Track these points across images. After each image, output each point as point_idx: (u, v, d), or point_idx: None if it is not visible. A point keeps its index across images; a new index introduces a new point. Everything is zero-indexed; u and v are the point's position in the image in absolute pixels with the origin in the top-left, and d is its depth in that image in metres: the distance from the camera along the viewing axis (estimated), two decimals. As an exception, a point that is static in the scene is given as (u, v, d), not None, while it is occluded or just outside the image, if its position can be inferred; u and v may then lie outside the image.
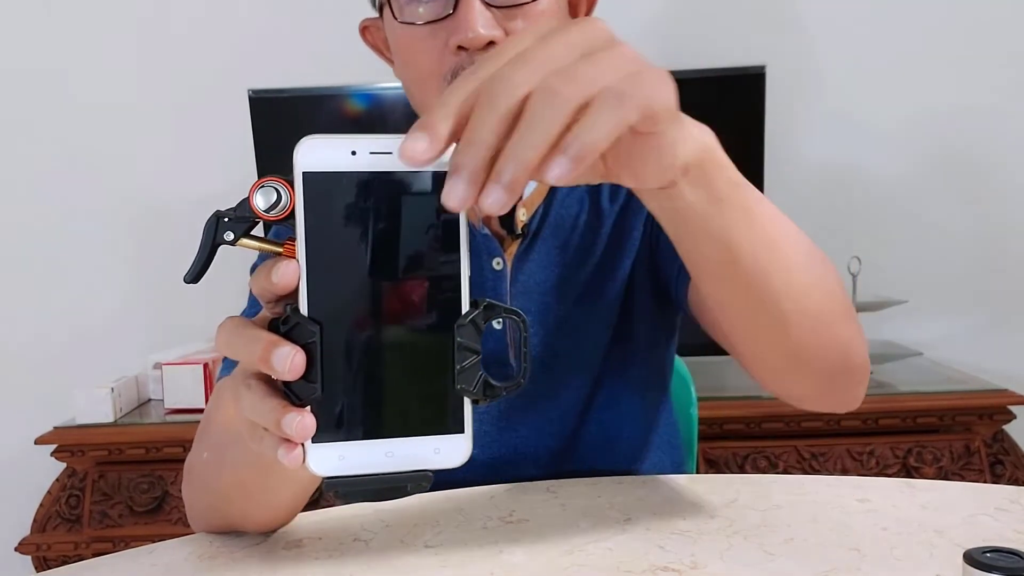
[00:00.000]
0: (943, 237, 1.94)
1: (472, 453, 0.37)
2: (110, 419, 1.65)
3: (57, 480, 1.70)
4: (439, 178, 0.35)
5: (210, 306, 1.94)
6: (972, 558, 0.42)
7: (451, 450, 0.37)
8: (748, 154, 1.77)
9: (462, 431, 0.37)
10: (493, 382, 0.38)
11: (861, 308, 1.76)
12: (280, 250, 0.38)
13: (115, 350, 1.92)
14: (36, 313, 1.96)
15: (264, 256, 0.87)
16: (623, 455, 0.83)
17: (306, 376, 0.35)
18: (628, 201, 0.82)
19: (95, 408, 1.65)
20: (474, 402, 0.37)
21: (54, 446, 1.65)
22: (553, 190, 0.82)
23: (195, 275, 0.40)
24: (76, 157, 1.93)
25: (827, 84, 1.92)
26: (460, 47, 0.69)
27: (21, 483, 1.85)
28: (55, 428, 1.66)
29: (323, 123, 1.80)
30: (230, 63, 1.89)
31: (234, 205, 0.38)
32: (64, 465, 1.69)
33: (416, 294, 0.36)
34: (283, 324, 0.36)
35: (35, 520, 1.69)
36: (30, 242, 1.95)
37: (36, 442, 1.63)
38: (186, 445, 0.68)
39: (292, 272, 0.36)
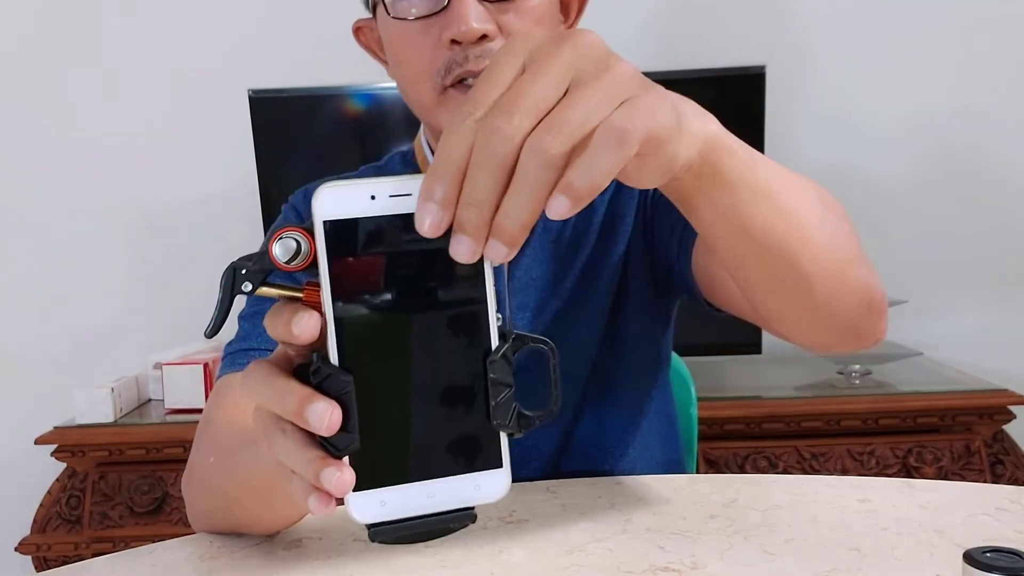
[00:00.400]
0: (943, 237, 1.94)
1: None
2: (110, 419, 1.65)
3: (57, 480, 1.70)
4: None
5: (210, 306, 1.93)
6: (972, 558, 0.42)
7: (491, 485, 0.37)
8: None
9: (500, 465, 0.37)
10: (526, 412, 0.38)
11: (861, 308, 1.76)
12: (300, 295, 0.37)
13: (115, 350, 1.92)
14: (36, 313, 1.96)
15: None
16: (613, 439, 0.82)
17: (342, 427, 0.35)
18: (619, 189, 0.83)
19: (95, 408, 1.65)
20: (510, 435, 0.37)
21: (54, 446, 1.65)
22: None
23: (215, 328, 0.40)
24: (76, 157, 1.93)
25: (827, 84, 1.91)
26: (453, 41, 0.69)
27: (21, 483, 1.85)
28: (55, 428, 1.66)
29: (323, 123, 1.80)
30: (230, 63, 1.89)
31: (250, 254, 0.38)
32: (64, 465, 1.69)
33: (446, 334, 0.36)
34: (313, 376, 0.36)
35: (35, 520, 1.69)
36: (30, 242, 1.95)
37: (36, 442, 1.63)
38: (186, 445, 0.68)
39: (314, 324, 0.35)
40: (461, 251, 0.34)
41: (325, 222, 0.35)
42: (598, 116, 0.35)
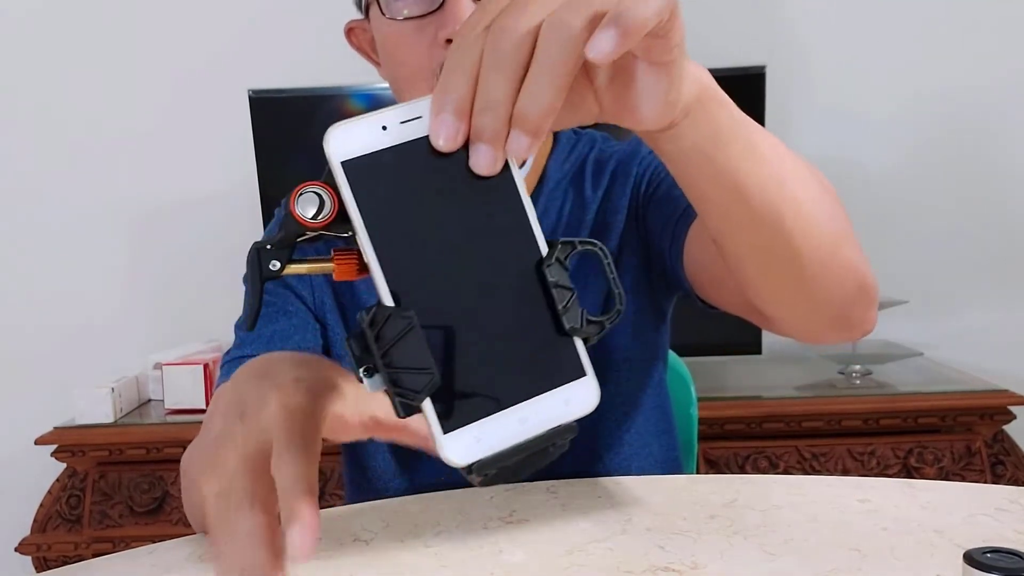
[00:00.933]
0: (944, 237, 1.94)
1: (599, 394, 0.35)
2: (110, 419, 1.65)
3: (57, 480, 1.70)
4: None
5: (210, 306, 1.94)
6: (972, 558, 0.42)
7: (581, 396, 0.35)
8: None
9: (584, 374, 0.35)
10: (592, 317, 0.35)
11: (861, 308, 1.76)
12: (331, 265, 0.35)
13: (115, 350, 1.92)
14: (36, 313, 1.96)
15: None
16: (607, 434, 0.82)
17: (416, 366, 0.32)
18: (611, 185, 0.83)
19: (95, 408, 1.65)
20: (584, 340, 0.35)
21: (54, 446, 1.65)
22: (541, 184, 0.83)
23: (252, 319, 0.38)
24: (76, 157, 1.93)
25: (826, 84, 1.91)
26: (449, 40, 0.69)
27: (21, 483, 1.85)
28: (55, 428, 1.66)
29: (323, 123, 1.79)
30: (230, 63, 1.89)
31: (267, 233, 0.37)
32: (64, 465, 1.69)
33: (494, 250, 0.34)
34: (371, 326, 0.32)
35: (35, 520, 1.69)
36: (30, 242, 1.95)
37: (36, 442, 1.63)
38: (186, 445, 0.68)
39: (310, 540, 0.35)
40: (482, 161, 0.33)
41: (343, 163, 0.33)
42: (606, 3, 0.33)
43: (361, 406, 0.44)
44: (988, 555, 0.42)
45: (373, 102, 1.78)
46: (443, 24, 0.69)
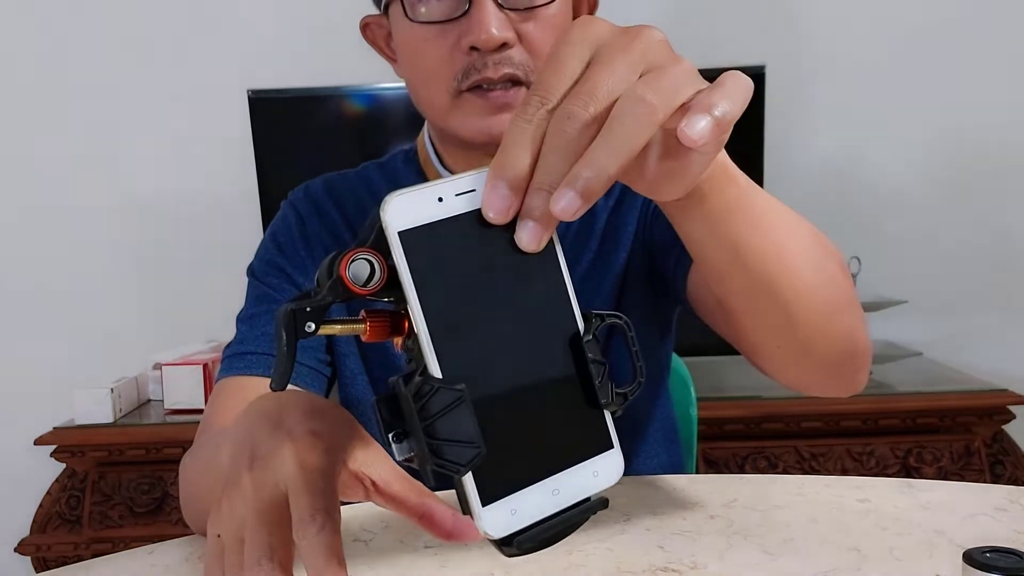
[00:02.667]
0: (943, 237, 1.94)
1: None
2: (110, 420, 1.65)
3: (57, 481, 1.70)
4: None
5: (209, 307, 1.94)
6: (972, 558, 0.42)
7: (608, 468, 0.36)
8: (748, 153, 1.77)
9: (612, 446, 0.36)
10: (619, 389, 0.36)
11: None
12: (363, 326, 0.36)
13: (115, 350, 1.92)
14: (36, 313, 1.96)
15: (263, 258, 0.85)
16: (644, 458, 0.83)
17: (461, 439, 0.32)
18: (621, 197, 0.83)
19: (95, 409, 1.65)
20: (613, 413, 0.36)
21: (54, 447, 1.65)
22: None
23: (283, 381, 0.37)
24: (76, 157, 1.93)
25: (826, 84, 1.92)
26: (472, 47, 0.69)
27: (21, 484, 1.85)
28: (55, 429, 1.66)
29: (322, 123, 1.80)
30: (229, 63, 1.89)
31: (300, 294, 0.36)
32: (64, 466, 1.69)
33: (538, 324, 0.35)
34: (417, 398, 0.32)
35: (35, 521, 1.68)
36: (30, 243, 1.95)
37: (36, 443, 1.63)
38: (186, 446, 0.68)
39: None
40: (528, 237, 0.33)
41: (400, 233, 0.33)
42: (686, 93, 0.35)
43: (364, 467, 0.44)
44: (987, 554, 0.42)
45: (372, 102, 1.78)
46: (467, 31, 0.69)
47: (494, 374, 0.34)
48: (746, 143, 1.76)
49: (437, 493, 0.43)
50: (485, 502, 0.33)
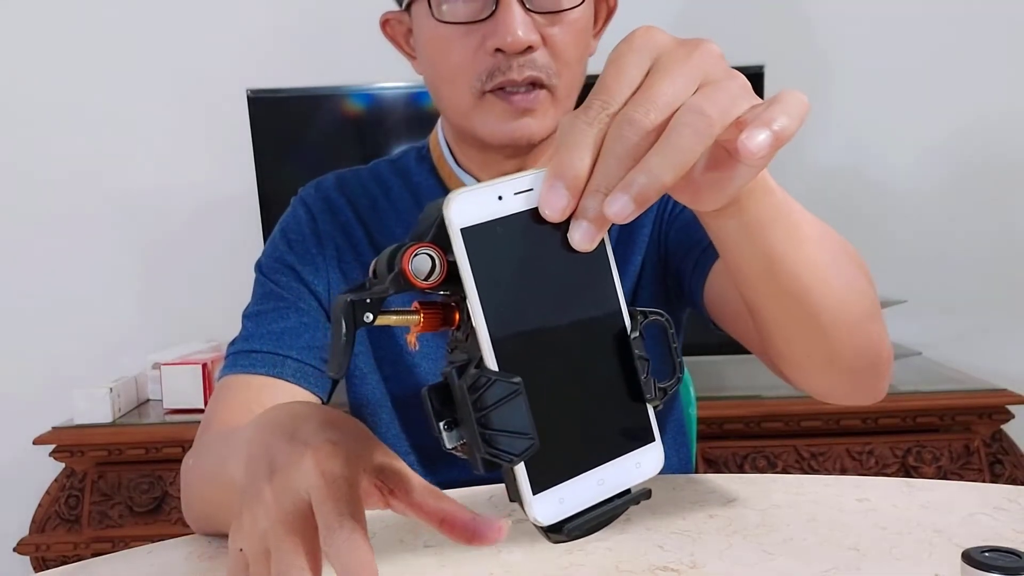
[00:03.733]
0: (943, 236, 1.94)
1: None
2: (109, 419, 1.65)
3: (56, 480, 1.70)
4: None
5: (209, 306, 1.94)
6: (971, 557, 0.42)
7: (649, 461, 0.37)
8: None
9: (654, 439, 0.38)
10: (660, 384, 0.38)
11: (860, 308, 1.76)
12: (416, 317, 0.37)
13: (114, 350, 1.92)
14: (35, 313, 1.96)
15: (272, 255, 0.84)
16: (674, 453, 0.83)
17: (515, 430, 0.34)
18: None
19: (94, 408, 1.65)
20: (655, 408, 0.38)
21: (53, 446, 1.65)
22: None
23: (341, 370, 0.38)
24: (75, 157, 1.93)
25: (826, 84, 1.92)
26: (497, 49, 0.69)
27: (20, 483, 1.84)
28: (54, 428, 1.66)
29: (322, 123, 1.80)
30: (229, 63, 1.89)
31: (355, 284, 0.37)
32: (63, 465, 1.69)
33: (589, 320, 0.36)
34: (472, 390, 0.34)
35: (34, 520, 1.68)
36: (30, 243, 1.95)
37: (35, 442, 1.63)
38: (185, 445, 0.68)
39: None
40: (581, 237, 0.34)
41: (463, 230, 0.34)
42: (742, 107, 0.36)
43: (382, 475, 0.44)
44: (986, 554, 0.42)
45: (372, 102, 1.78)
46: (492, 32, 0.69)
47: (546, 368, 0.35)
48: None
49: (463, 489, 0.43)
50: (536, 491, 0.34)
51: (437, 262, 0.35)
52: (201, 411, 1.66)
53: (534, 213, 0.35)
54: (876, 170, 1.92)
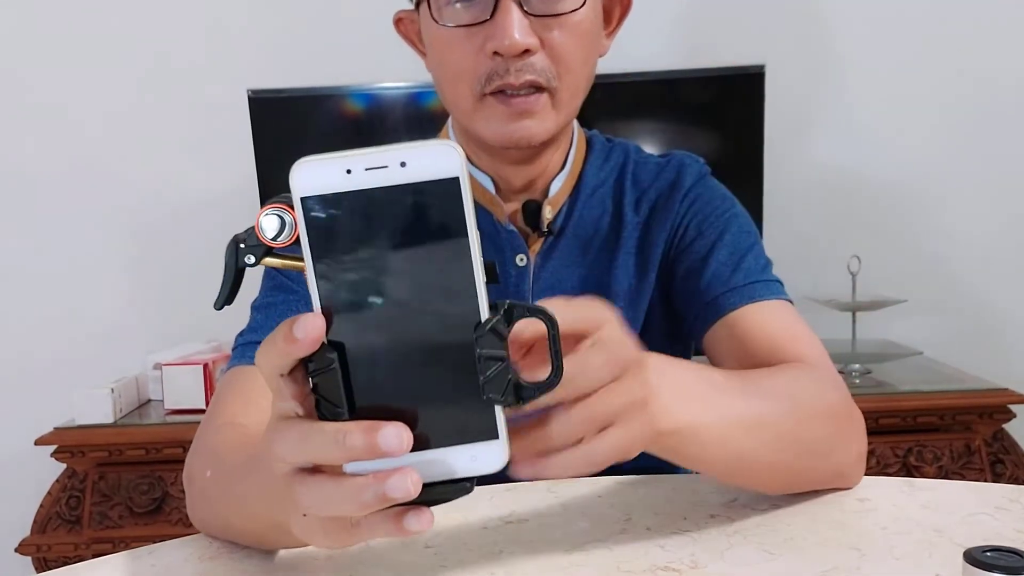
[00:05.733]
0: (943, 235, 1.94)
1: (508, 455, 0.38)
2: (110, 420, 1.65)
3: (57, 481, 1.70)
4: (440, 187, 0.35)
5: (209, 307, 1.93)
6: (972, 557, 0.42)
7: (487, 456, 0.37)
8: (747, 153, 1.77)
9: (496, 437, 0.37)
10: (524, 383, 0.37)
11: (861, 308, 1.76)
12: (302, 265, 0.37)
13: (115, 351, 1.92)
14: (36, 313, 1.96)
15: (273, 276, 0.85)
16: (643, 458, 0.83)
17: (331, 400, 0.36)
18: (651, 215, 0.83)
19: (95, 409, 1.65)
20: (506, 406, 0.37)
21: (54, 447, 1.65)
22: (577, 189, 0.83)
23: (224, 300, 0.41)
24: (76, 158, 1.93)
25: (826, 83, 1.92)
26: (496, 52, 0.70)
27: (21, 484, 1.85)
28: (55, 429, 1.66)
29: (323, 123, 1.80)
30: (229, 63, 1.89)
31: (251, 226, 0.38)
32: (64, 466, 1.69)
33: (431, 308, 0.36)
34: (311, 373, 0.36)
35: (35, 521, 1.68)
36: (30, 243, 1.95)
37: (36, 443, 1.63)
38: (186, 446, 0.68)
39: (318, 324, 0.35)
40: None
41: (302, 199, 0.34)
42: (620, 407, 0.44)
43: None
44: (988, 554, 0.42)
45: (372, 102, 1.78)
46: (491, 35, 0.69)
47: (380, 347, 0.36)
48: (746, 142, 1.76)
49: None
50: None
51: (287, 224, 0.36)
52: (202, 411, 1.66)
53: (388, 191, 0.34)
54: (876, 170, 1.92)
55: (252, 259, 0.39)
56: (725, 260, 0.78)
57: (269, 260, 0.38)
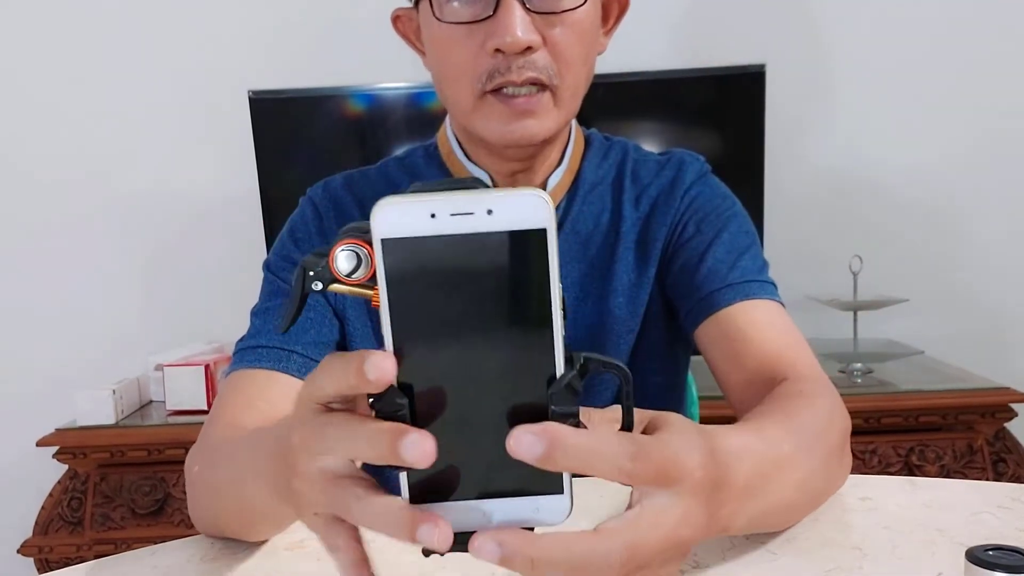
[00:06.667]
0: (944, 234, 1.94)
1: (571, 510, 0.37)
2: (112, 421, 1.65)
3: (59, 482, 1.70)
4: (526, 237, 0.34)
5: (211, 307, 1.94)
6: (975, 556, 0.42)
7: (550, 509, 0.36)
8: (748, 152, 1.77)
9: (561, 491, 0.36)
10: None
11: (862, 307, 1.76)
12: (371, 293, 0.36)
13: (116, 352, 1.92)
14: (37, 315, 1.96)
15: (280, 253, 0.85)
16: None
17: None
18: (652, 211, 0.83)
19: (96, 410, 1.65)
20: None
21: (56, 448, 1.65)
22: (575, 185, 0.83)
23: (288, 325, 0.40)
24: (77, 159, 1.93)
25: (827, 83, 1.91)
26: (497, 50, 0.69)
27: (23, 485, 1.85)
28: (57, 430, 1.66)
29: (323, 124, 1.80)
30: (230, 64, 1.89)
31: (321, 250, 0.37)
32: (66, 467, 1.69)
33: (508, 359, 0.35)
34: (374, 397, 0.35)
35: (37, 523, 1.69)
36: (31, 244, 1.95)
37: (38, 444, 1.63)
38: (187, 447, 0.68)
39: (390, 367, 0.33)
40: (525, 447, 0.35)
41: (383, 240, 0.33)
42: None
43: None
44: (990, 553, 0.42)
45: (372, 103, 1.78)
46: (492, 33, 0.69)
47: (451, 394, 0.35)
48: (746, 141, 1.76)
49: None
50: (414, 501, 0.36)
51: (363, 261, 0.36)
52: (204, 412, 1.66)
53: (471, 238, 0.33)
54: (877, 169, 1.92)
55: (319, 285, 0.38)
56: (722, 257, 0.78)
57: (336, 287, 0.38)
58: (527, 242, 0.33)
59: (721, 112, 1.79)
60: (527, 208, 0.33)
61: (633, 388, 0.38)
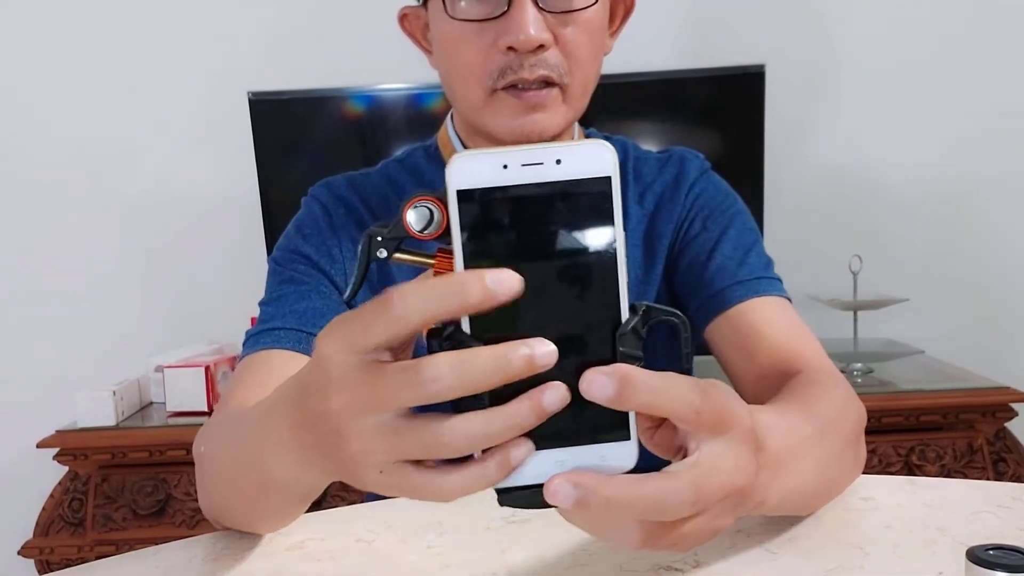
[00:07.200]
0: (945, 234, 1.94)
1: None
2: (112, 422, 1.65)
3: (60, 484, 1.70)
4: (593, 185, 0.35)
5: (211, 308, 1.94)
6: (975, 555, 0.42)
7: (618, 456, 0.37)
8: (748, 152, 1.77)
9: (628, 438, 0.37)
10: None
11: (862, 307, 1.76)
12: (432, 262, 0.37)
13: (116, 353, 1.92)
14: (38, 316, 1.96)
15: (287, 247, 0.84)
16: (643, 453, 0.83)
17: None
18: (657, 209, 0.84)
19: (97, 411, 1.65)
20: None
21: (56, 450, 1.65)
22: None
23: (354, 292, 0.40)
24: (77, 160, 1.93)
25: (827, 83, 1.92)
26: (509, 47, 0.70)
27: (24, 487, 1.85)
28: (57, 432, 1.66)
29: (323, 125, 1.80)
30: (230, 65, 1.89)
31: (384, 222, 0.38)
32: (67, 469, 1.69)
33: (577, 306, 0.36)
34: (445, 342, 0.35)
35: (38, 524, 1.69)
36: (31, 245, 1.95)
37: (38, 446, 1.63)
38: (188, 447, 0.68)
39: (517, 280, 0.33)
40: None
41: (458, 191, 0.35)
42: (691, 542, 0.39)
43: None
44: (991, 552, 0.42)
45: (373, 104, 1.78)
46: (505, 31, 0.70)
47: (518, 339, 0.35)
48: (746, 143, 1.76)
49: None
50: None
51: (436, 216, 0.36)
52: (204, 414, 1.67)
53: (543, 187, 0.35)
54: (877, 169, 1.92)
55: (384, 252, 0.38)
56: (730, 254, 0.79)
57: (399, 256, 0.39)
58: (593, 189, 0.35)
59: (721, 112, 1.79)
60: (593, 157, 0.35)
61: (691, 335, 0.38)
